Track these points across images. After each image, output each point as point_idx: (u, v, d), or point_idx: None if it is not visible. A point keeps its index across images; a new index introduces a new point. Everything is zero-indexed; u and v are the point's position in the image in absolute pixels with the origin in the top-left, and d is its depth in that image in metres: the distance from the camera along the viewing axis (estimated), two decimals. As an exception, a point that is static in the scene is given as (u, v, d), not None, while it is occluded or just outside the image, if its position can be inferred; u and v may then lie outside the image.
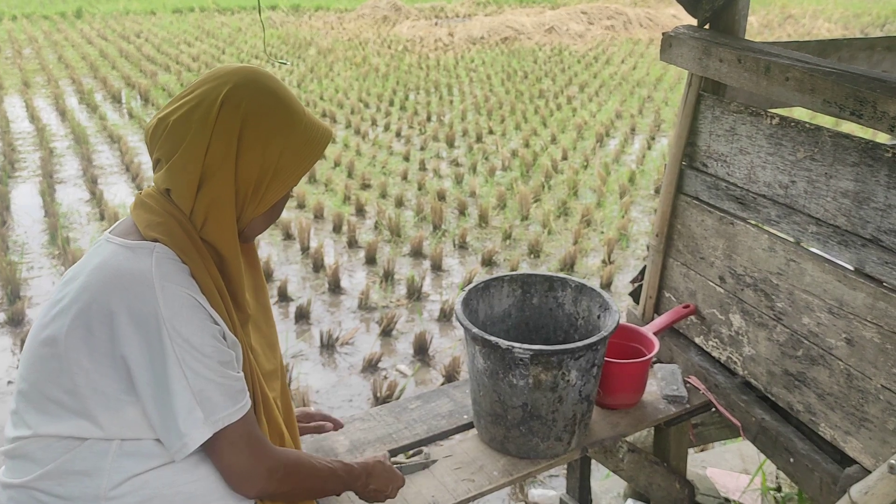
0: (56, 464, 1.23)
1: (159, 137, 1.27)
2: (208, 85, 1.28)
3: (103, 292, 1.20)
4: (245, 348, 1.35)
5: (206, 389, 1.22)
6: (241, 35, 15.47)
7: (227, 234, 1.29)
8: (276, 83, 1.33)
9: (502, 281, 2.01)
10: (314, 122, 1.35)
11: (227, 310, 1.30)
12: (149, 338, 1.19)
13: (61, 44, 14.15)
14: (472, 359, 1.82)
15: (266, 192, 1.31)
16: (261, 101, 1.28)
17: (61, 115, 8.91)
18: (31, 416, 1.26)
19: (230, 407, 1.25)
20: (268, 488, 1.32)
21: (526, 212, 5.92)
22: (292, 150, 1.30)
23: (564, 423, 1.80)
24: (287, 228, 5.50)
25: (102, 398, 1.22)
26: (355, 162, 7.15)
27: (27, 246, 5.24)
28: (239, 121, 1.25)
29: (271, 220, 1.39)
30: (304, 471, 1.38)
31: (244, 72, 1.31)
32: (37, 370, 1.25)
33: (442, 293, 4.69)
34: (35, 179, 6.64)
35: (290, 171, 1.32)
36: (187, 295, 1.22)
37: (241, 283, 1.34)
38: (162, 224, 1.26)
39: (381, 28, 17.14)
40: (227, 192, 1.27)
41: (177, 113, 1.26)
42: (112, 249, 1.25)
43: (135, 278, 1.20)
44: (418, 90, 10.67)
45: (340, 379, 3.73)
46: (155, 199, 1.29)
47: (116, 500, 1.23)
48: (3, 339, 4.04)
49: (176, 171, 1.26)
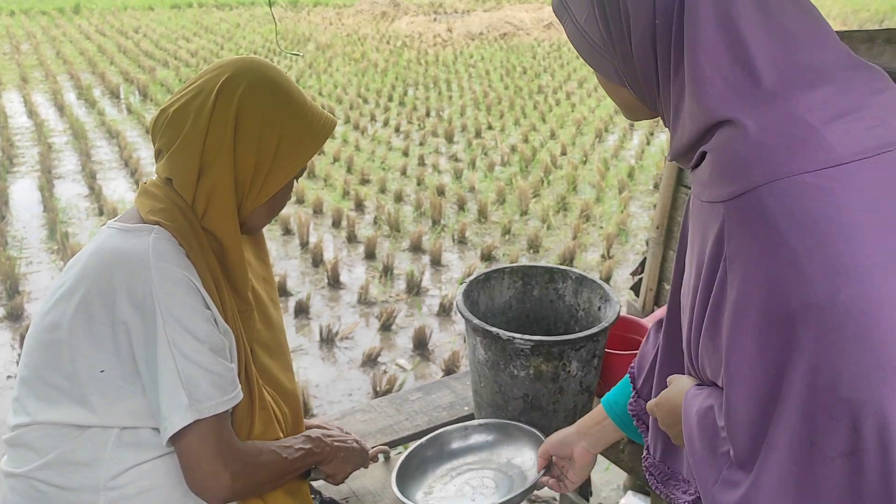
0: (56, 454, 1.23)
1: (160, 128, 1.29)
2: (208, 76, 1.29)
3: (102, 275, 1.20)
4: (241, 340, 1.33)
5: (194, 375, 1.20)
6: (239, 31, 15.45)
7: (228, 223, 1.29)
8: (275, 72, 1.32)
9: (503, 273, 2.01)
10: (316, 111, 1.35)
11: (220, 299, 1.29)
12: (145, 317, 1.18)
13: (59, 39, 14.13)
14: (472, 350, 1.82)
15: (266, 181, 1.30)
16: (257, 90, 1.27)
17: (60, 110, 8.90)
18: (31, 402, 1.26)
19: (217, 397, 1.22)
20: (230, 495, 1.25)
21: (525, 207, 5.93)
22: (292, 138, 1.30)
23: (565, 414, 1.80)
24: (286, 223, 5.50)
25: (101, 384, 1.21)
26: (354, 157, 7.15)
27: (26, 241, 5.24)
28: (234, 109, 1.25)
29: (274, 210, 1.39)
30: (269, 466, 1.32)
31: (242, 61, 1.31)
32: (38, 356, 1.25)
33: (441, 288, 4.69)
34: (34, 174, 6.64)
35: (290, 160, 1.31)
36: (183, 275, 1.21)
37: (242, 273, 1.33)
38: (164, 210, 1.26)
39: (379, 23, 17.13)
40: (226, 181, 1.26)
41: (177, 104, 1.28)
42: (110, 233, 1.26)
43: (130, 258, 1.20)
44: (417, 86, 10.66)
45: (340, 373, 3.74)
46: (158, 188, 1.29)
47: (116, 491, 1.23)
48: (3, 334, 4.04)
49: (176, 160, 1.26)
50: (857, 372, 0.79)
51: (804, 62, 0.87)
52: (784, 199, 0.81)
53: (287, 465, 1.35)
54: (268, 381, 1.43)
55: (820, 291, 0.79)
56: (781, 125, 0.84)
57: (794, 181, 0.81)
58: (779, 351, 0.83)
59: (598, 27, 0.96)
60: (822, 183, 0.81)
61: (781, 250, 0.81)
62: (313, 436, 1.45)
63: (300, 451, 1.38)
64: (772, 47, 0.87)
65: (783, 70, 0.86)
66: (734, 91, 0.87)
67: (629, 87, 0.99)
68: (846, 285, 0.79)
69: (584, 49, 1.00)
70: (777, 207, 0.81)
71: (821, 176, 0.81)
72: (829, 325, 0.79)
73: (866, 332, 0.79)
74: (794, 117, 0.84)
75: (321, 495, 1.55)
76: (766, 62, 0.86)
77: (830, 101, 0.85)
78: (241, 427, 1.32)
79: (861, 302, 0.79)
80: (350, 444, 1.52)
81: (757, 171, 0.83)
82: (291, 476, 1.39)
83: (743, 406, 0.88)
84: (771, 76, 0.86)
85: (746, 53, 0.86)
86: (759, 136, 0.84)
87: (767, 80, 0.86)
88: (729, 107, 0.87)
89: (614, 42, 0.95)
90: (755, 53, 0.86)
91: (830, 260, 0.79)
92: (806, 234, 0.80)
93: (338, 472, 1.48)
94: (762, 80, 0.86)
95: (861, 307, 0.79)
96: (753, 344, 0.85)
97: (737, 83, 0.87)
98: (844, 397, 0.79)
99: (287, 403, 1.48)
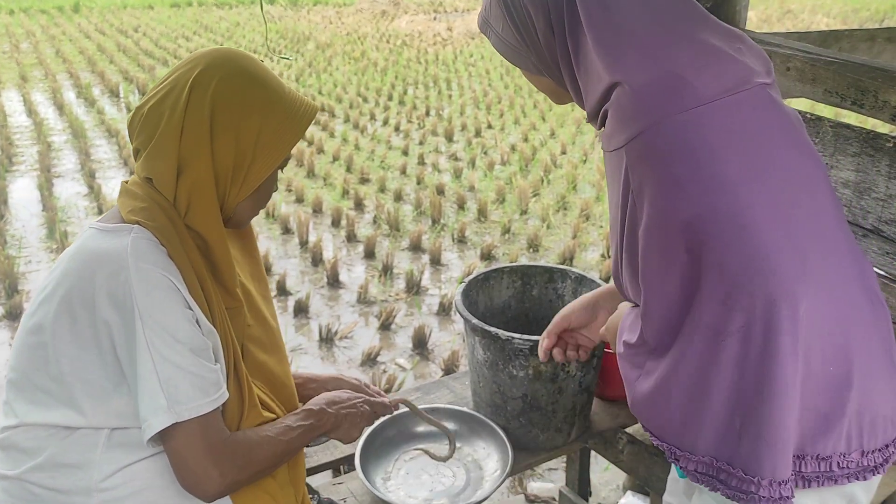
0: (46, 456, 1.22)
1: (136, 126, 1.27)
2: (181, 70, 1.27)
3: (82, 276, 1.19)
4: (230, 338, 1.31)
5: (174, 377, 1.18)
6: (239, 29, 15.43)
7: (211, 220, 1.26)
8: (250, 62, 1.29)
9: (502, 272, 2.00)
10: (295, 99, 1.31)
11: (206, 298, 1.27)
12: (124, 318, 1.17)
13: (59, 38, 14.11)
14: (471, 350, 1.82)
15: (248, 174, 1.27)
16: (231, 82, 1.25)
17: (59, 109, 8.89)
18: (20, 405, 1.25)
19: (199, 399, 1.19)
20: (223, 491, 1.24)
21: (525, 206, 5.92)
22: (271, 129, 1.27)
23: (564, 414, 1.80)
24: (286, 222, 5.50)
25: (87, 386, 1.20)
26: (354, 156, 7.14)
27: (25, 240, 5.23)
28: (209, 104, 1.23)
29: (260, 202, 1.36)
30: (263, 458, 1.29)
31: (215, 53, 1.28)
32: (25, 358, 1.24)
33: (441, 287, 4.68)
34: (33, 173, 6.63)
35: (271, 151, 1.28)
36: (162, 275, 1.19)
37: (229, 270, 1.31)
38: (145, 209, 1.24)
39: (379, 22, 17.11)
40: (206, 177, 1.24)
41: (151, 101, 1.25)
42: (91, 234, 1.25)
43: (110, 258, 1.19)
44: (417, 85, 10.65)
45: (339, 372, 3.73)
46: (139, 187, 1.28)
47: (108, 493, 1.22)
48: (2, 333, 4.03)
49: (153, 159, 1.25)
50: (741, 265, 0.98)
51: (678, 31, 1.07)
52: (665, 135, 1.01)
53: (285, 447, 1.32)
54: (263, 378, 1.42)
55: (701, 204, 0.99)
56: (657, 79, 1.04)
57: (672, 120, 1.01)
58: (679, 256, 1.02)
59: (511, 32, 1.17)
60: (692, 119, 1.01)
61: (669, 176, 1.01)
62: (315, 408, 1.41)
63: (300, 428, 1.35)
64: (646, 20, 1.07)
65: (659, 37, 1.06)
66: (619, 57, 1.06)
67: (546, 74, 1.20)
68: (720, 197, 0.99)
69: (507, 53, 1.21)
70: (661, 143, 1.01)
71: (691, 113, 1.01)
72: (713, 231, 0.99)
73: (742, 232, 0.98)
74: (667, 71, 1.04)
75: (319, 496, 1.54)
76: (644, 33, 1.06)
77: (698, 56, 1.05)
78: (231, 426, 1.30)
79: (735, 208, 0.99)
80: (359, 407, 1.47)
81: (642, 117, 1.02)
82: (293, 455, 1.37)
83: (655, 307, 1.08)
84: (650, 44, 1.06)
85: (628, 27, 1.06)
86: (641, 90, 1.03)
87: (647, 46, 1.06)
88: (618, 70, 1.05)
89: (525, 40, 1.16)
90: (634, 27, 1.07)
91: (705, 179, 0.99)
92: (685, 161, 1.00)
93: (344, 438, 1.46)
94: (643, 47, 1.05)
95: (735, 212, 0.99)
96: (659, 256, 1.04)
97: (621, 51, 1.06)
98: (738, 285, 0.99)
99: (283, 399, 1.46)
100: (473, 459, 1.77)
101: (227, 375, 1.29)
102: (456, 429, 1.79)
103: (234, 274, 1.33)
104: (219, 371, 1.25)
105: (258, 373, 1.41)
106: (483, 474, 1.72)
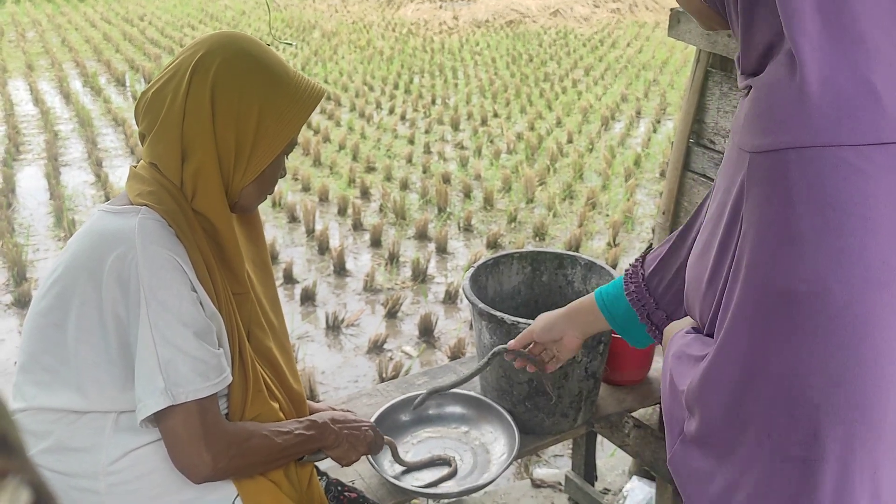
0: (54, 439, 1.23)
1: (141, 112, 1.27)
2: (184, 55, 1.27)
3: (91, 256, 1.20)
4: (235, 322, 1.31)
5: (174, 360, 1.18)
6: (244, 18, 15.41)
7: (217, 204, 1.27)
8: (253, 44, 1.29)
9: (512, 258, 2.01)
10: (299, 81, 1.30)
11: (212, 281, 1.27)
12: (129, 298, 1.18)
13: (65, 27, 14.11)
14: (478, 334, 1.83)
15: (251, 158, 1.27)
16: (233, 65, 1.25)
17: (65, 98, 8.90)
18: (28, 388, 1.26)
19: (198, 382, 1.19)
20: (213, 475, 1.24)
21: (531, 194, 5.92)
22: (274, 112, 1.26)
23: (570, 399, 1.81)
24: (292, 211, 5.50)
25: (94, 368, 1.21)
26: (360, 145, 7.13)
27: (33, 228, 5.25)
28: (210, 87, 1.23)
29: (265, 188, 1.35)
30: (258, 450, 1.29)
31: (218, 37, 1.28)
32: (34, 340, 1.25)
33: (447, 275, 4.69)
34: (40, 162, 6.65)
35: (273, 135, 1.27)
36: (168, 256, 1.20)
37: (237, 255, 1.32)
38: (153, 192, 1.25)
39: (385, 11, 17.06)
40: (210, 162, 1.24)
41: (155, 86, 1.26)
42: (99, 216, 1.26)
43: (117, 239, 1.19)
44: (423, 73, 10.63)
45: (346, 360, 3.75)
46: (147, 171, 1.28)
47: (115, 476, 1.23)
48: (10, 321, 4.06)
49: (158, 144, 1.25)
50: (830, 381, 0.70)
51: None
52: (809, 171, 0.70)
53: (279, 449, 1.32)
54: (267, 362, 1.42)
55: (815, 282, 0.70)
56: (842, 78, 0.71)
57: (828, 153, 0.70)
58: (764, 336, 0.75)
59: None
60: (856, 163, 0.69)
61: (789, 227, 0.71)
62: (320, 421, 1.42)
63: (299, 436, 1.35)
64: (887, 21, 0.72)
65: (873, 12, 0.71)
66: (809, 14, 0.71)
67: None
68: (845, 282, 0.69)
69: None
70: (799, 179, 0.71)
71: (859, 153, 0.69)
72: (816, 322, 0.71)
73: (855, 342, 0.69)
74: (859, 73, 0.70)
75: (328, 476, 1.55)
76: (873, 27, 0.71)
77: None
78: (235, 410, 1.31)
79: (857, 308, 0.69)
80: (363, 431, 1.49)
81: (792, 129, 0.72)
82: (286, 460, 1.36)
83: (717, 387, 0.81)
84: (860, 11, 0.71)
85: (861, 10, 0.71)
86: (811, 87, 0.71)
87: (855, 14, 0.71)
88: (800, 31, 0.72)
89: None
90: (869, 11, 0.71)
91: (836, 252, 0.69)
92: (818, 217, 0.70)
93: (342, 459, 1.47)
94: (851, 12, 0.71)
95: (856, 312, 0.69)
96: (746, 324, 0.77)
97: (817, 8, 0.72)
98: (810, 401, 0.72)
99: (286, 385, 1.46)
100: (481, 443, 1.78)
101: (231, 360, 1.30)
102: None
103: (242, 259, 1.34)
104: (221, 356, 1.25)
105: (262, 357, 1.41)
106: (490, 458, 1.74)
